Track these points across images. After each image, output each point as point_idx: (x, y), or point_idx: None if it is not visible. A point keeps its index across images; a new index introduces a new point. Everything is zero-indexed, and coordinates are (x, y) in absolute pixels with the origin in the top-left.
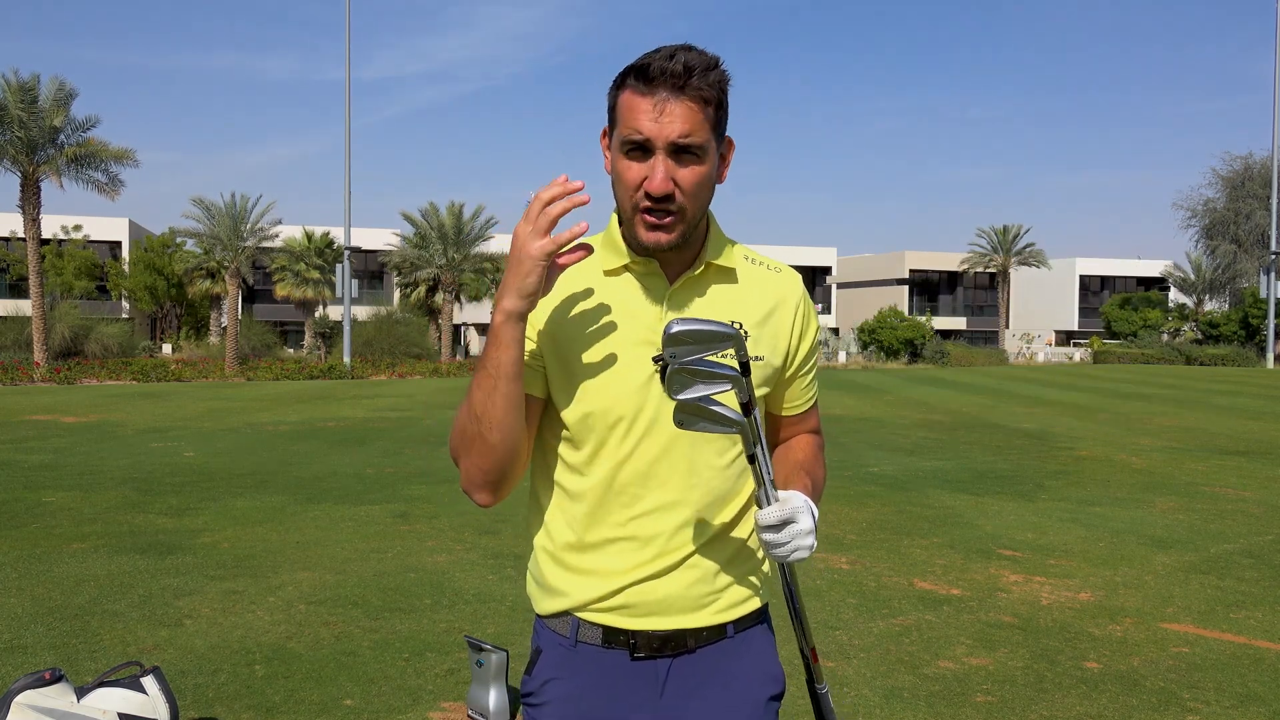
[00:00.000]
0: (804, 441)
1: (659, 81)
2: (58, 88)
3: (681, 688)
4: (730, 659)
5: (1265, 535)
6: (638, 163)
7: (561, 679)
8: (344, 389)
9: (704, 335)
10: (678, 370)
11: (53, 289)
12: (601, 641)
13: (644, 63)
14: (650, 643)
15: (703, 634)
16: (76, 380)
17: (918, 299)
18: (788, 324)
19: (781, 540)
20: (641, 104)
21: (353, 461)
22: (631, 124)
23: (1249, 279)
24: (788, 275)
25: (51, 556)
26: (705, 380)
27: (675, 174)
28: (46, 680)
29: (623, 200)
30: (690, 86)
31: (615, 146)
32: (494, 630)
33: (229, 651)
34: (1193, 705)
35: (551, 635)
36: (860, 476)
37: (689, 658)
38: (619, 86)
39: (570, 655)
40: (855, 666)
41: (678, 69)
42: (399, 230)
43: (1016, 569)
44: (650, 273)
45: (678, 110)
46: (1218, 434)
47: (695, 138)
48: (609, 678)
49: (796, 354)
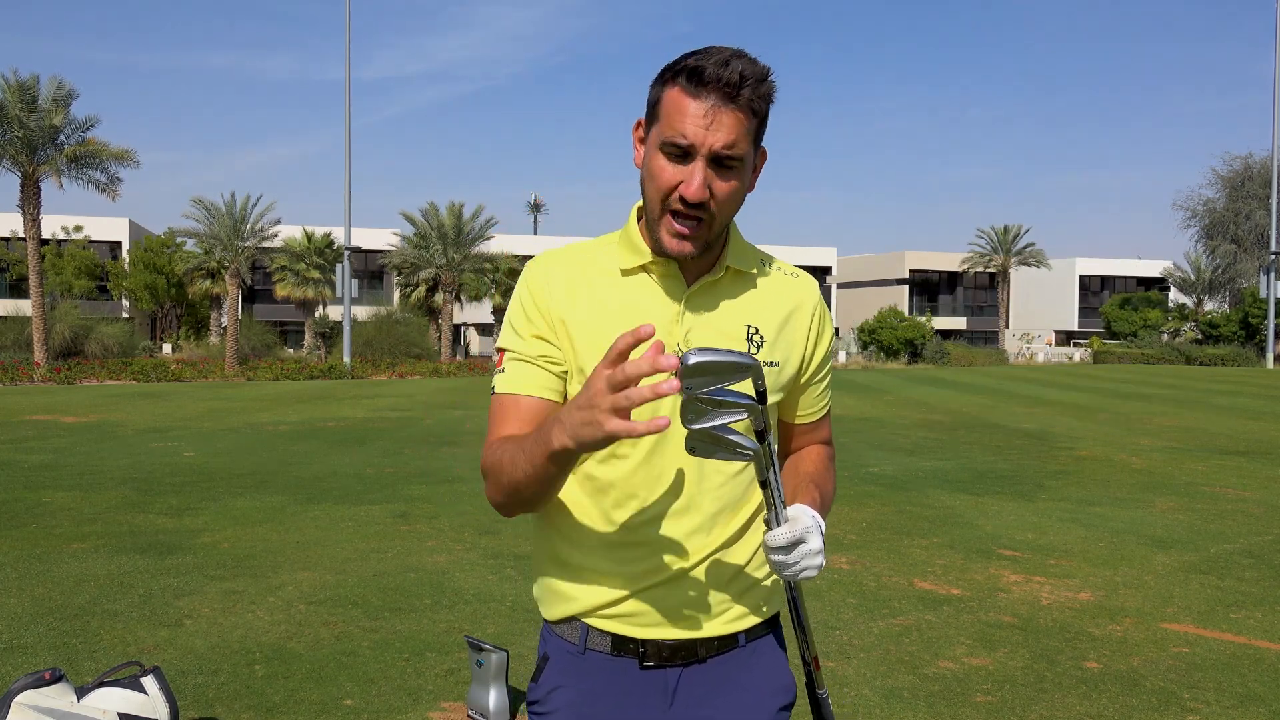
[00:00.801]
0: (815, 453)
1: (712, 87)
2: (57, 88)
3: (691, 697)
4: (741, 669)
5: (1265, 535)
6: (675, 165)
7: (569, 687)
8: (344, 389)
9: (723, 367)
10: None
11: (53, 289)
12: (610, 649)
13: (698, 65)
14: (660, 651)
15: (714, 643)
16: (76, 380)
17: (918, 299)
18: (804, 330)
19: (791, 561)
20: (690, 106)
21: (353, 461)
22: (677, 125)
23: (1249, 279)
24: (805, 281)
25: (51, 556)
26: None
27: (712, 183)
28: (46, 680)
29: (652, 199)
30: (742, 98)
31: (652, 143)
32: (494, 630)
33: (229, 651)
34: (1193, 705)
35: (560, 642)
36: (860, 476)
37: (699, 667)
38: (666, 82)
39: (578, 662)
40: (855, 666)
41: (733, 78)
42: (399, 230)
43: (1016, 569)
44: (668, 274)
45: (726, 120)
46: (1218, 434)
47: (737, 149)
48: (617, 686)
49: (811, 360)
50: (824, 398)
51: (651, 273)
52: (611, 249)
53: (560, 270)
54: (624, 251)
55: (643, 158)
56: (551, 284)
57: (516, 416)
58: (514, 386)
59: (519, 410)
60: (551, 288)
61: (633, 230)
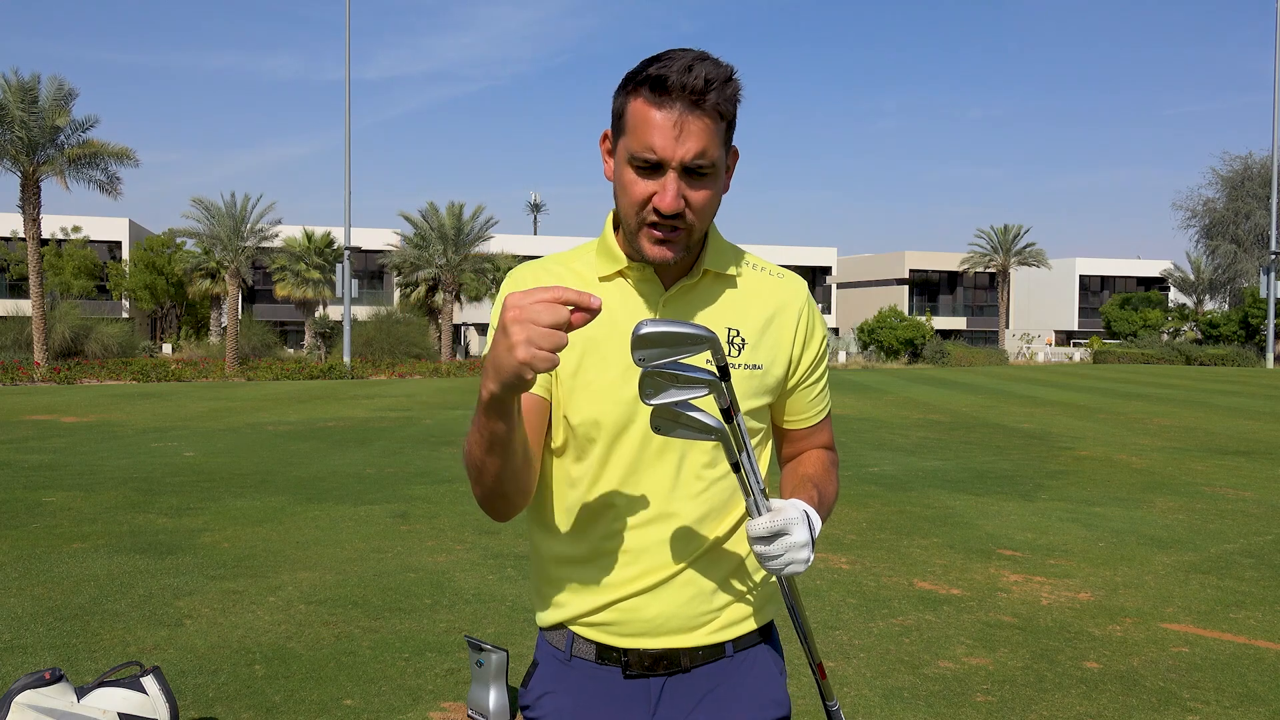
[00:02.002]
0: (815, 456)
1: (676, 95)
2: (58, 88)
3: (674, 708)
4: (728, 680)
5: (1265, 535)
6: (647, 180)
7: (556, 693)
8: (344, 389)
9: (675, 337)
10: (650, 374)
11: (53, 289)
12: (595, 658)
13: (661, 73)
14: (642, 661)
15: (698, 653)
16: (76, 380)
17: (918, 299)
18: (790, 331)
19: (774, 553)
20: (656, 118)
21: (353, 461)
22: (645, 139)
23: (1249, 279)
24: (791, 281)
25: (51, 556)
26: (680, 385)
27: (686, 193)
28: (46, 680)
29: (627, 212)
30: (708, 103)
31: (621, 156)
32: (494, 630)
33: (229, 651)
34: (1193, 705)
35: (548, 649)
36: (860, 476)
37: (684, 677)
38: (629, 93)
39: (564, 670)
40: (855, 666)
41: (698, 84)
42: (399, 230)
43: (1016, 569)
44: (645, 279)
45: (694, 128)
46: (1218, 434)
47: (708, 157)
48: (602, 695)
49: (800, 363)
50: (820, 401)
51: (628, 278)
52: (589, 257)
53: (541, 276)
54: (601, 259)
55: (613, 170)
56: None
57: None
58: None
59: None
60: None
61: (609, 237)
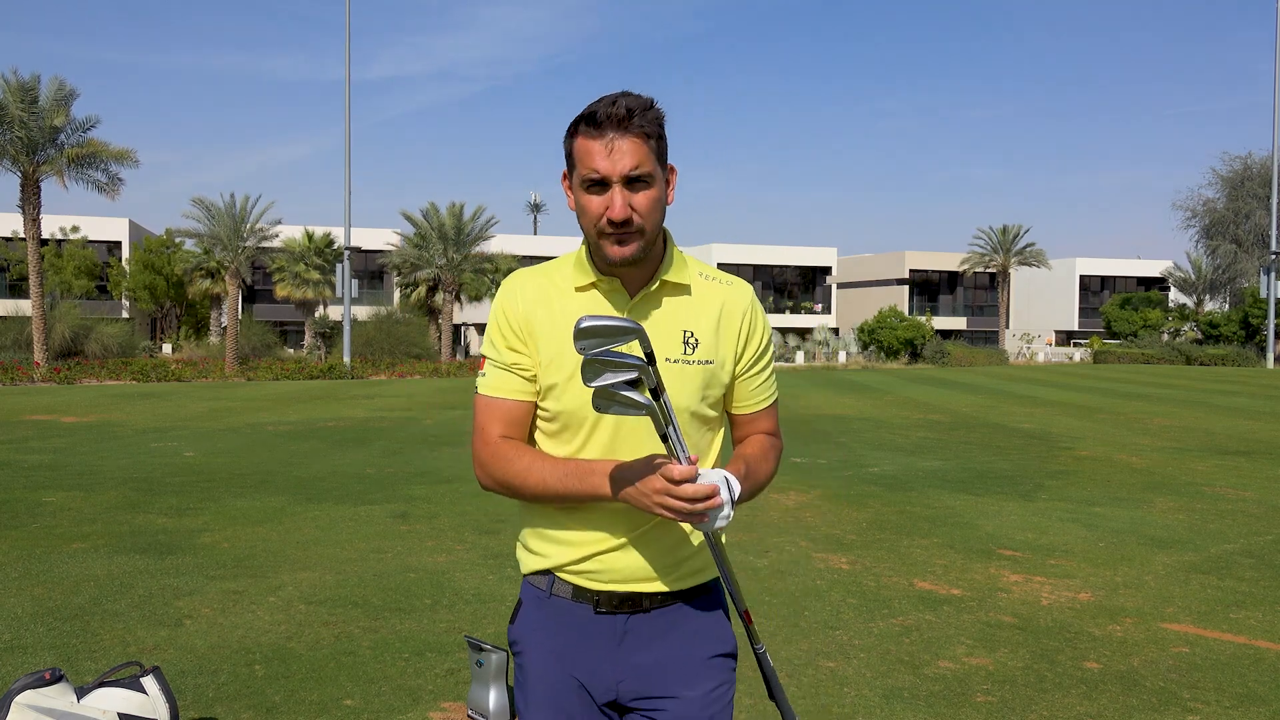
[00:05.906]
0: (756, 440)
1: (606, 124)
2: (58, 88)
3: (638, 640)
4: (682, 619)
5: (1265, 535)
6: (598, 196)
7: (538, 628)
8: (344, 389)
9: (608, 330)
10: (589, 361)
11: (53, 289)
12: (571, 596)
13: (591, 111)
14: (611, 600)
15: (656, 598)
16: (76, 380)
17: (918, 299)
18: (734, 330)
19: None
20: (594, 146)
21: (353, 461)
22: (589, 164)
23: (1249, 279)
24: (738, 287)
25: (51, 556)
26: (613, 369)
27: (631, 200)
28: (46, 680)
29: (589, 229)
30: (633, 125)
31: (576, 185)
32: (494, 630)
33: (229, 651)
34: (1193, 705)
35: (532, 590)
36: (860, 476)
37: (644, 616)
38: (572, 135)
39: (544, 604)
40: (855, 666)
41: (621, 112)
42: (399, 230)
43: (1016, 569)
44: (613, 290)
45: (625, 146)
46: (1218, 434)
47: (644, 168)
48: (577, 627)
49: (742, 356)
50: (763, 391)
51: (599, 289)
52: (569, 268)
53: (528, 286)
54: (577, 271)
55: (573, 200)
56: (520, 300)
57: (498, 416)
58: (493, 390)
59: (500, 410)
60: (519, 304)
61: (582, 255)
